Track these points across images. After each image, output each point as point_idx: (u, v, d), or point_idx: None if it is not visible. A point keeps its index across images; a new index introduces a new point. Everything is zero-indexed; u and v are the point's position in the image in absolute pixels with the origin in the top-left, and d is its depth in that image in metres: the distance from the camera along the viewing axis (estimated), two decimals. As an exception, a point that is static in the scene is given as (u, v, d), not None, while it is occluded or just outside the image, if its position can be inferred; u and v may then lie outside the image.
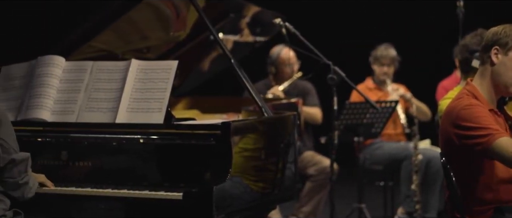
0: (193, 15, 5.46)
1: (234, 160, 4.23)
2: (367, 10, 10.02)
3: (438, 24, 9.12)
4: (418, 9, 9.91)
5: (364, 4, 9.97)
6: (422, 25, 9.94)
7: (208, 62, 6.41)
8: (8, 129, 3.99)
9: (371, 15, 10.02)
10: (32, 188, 4.09)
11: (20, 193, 4.06)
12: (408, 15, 9.95)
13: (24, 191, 4.05)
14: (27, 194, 4.08)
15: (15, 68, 4.87)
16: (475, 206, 3.95)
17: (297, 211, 6.97)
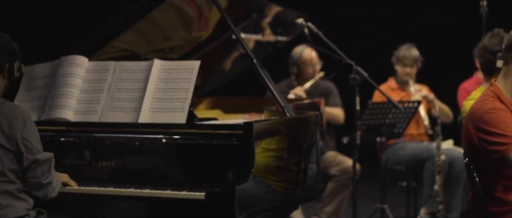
0: (215, 15, 5.46)
1: (256, 160, 4.23)
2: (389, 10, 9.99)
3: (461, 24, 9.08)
4: (440, 9, 9.86)
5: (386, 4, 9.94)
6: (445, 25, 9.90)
7: (230, 62, 6.41)
8: (32, 129, 4.00)
9: (393, 15, 9.98)
10: (55, 188, 4.11)
11: (44, 193, 4.07)
12: (431, 15, 9.91)
13: (47, 191, 4.07)
14: (51, 194, 4.09)
15: (38, 68, 4.89)
16: (497, 207, 3.93)
17: (319, 211, 6.96)
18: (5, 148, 3.91)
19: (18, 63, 4.07)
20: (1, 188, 3.90)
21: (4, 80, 4.06)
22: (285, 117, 4.72)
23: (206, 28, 5.69)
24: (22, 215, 3.96)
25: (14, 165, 3.95)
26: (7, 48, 4.03)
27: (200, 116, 4.71)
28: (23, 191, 4.02)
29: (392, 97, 6.43)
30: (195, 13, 5.47)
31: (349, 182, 6.68)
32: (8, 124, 3.93)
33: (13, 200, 3.94)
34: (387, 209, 6.78)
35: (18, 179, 3.98)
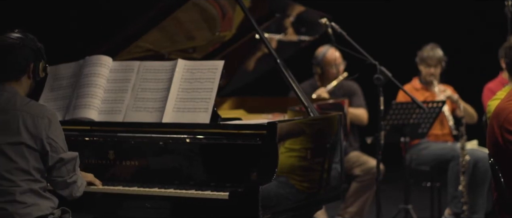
0: (239, 15, 5.47)
1: (280, 159, 4.23)
2: (414, 10, 9.95)
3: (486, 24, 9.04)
4: (465, 9, 9.82)
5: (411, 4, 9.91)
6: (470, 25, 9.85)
7: (254, 62, 6.41)
8: (57, 128, 4.02)
9: (418, 15, 9.95)
10: (80, 187, 4.13)
11: (68, 192, 4.09)
12: (455, 15, 9.87)
13: (72, 190, 4.09)
14: (75, 193, 4.11)
15: (63, 68, 4.91)
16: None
17: (343, 212, 6.95)
18: (31, 147, 3.93)
19: (43, 63, 4.10)
20: (26, 186, 3.93)
21: (29, 80, 4.09)
22: (309, 117, 4.71)
23: (230, 28, 5.69)
24: (46, 214, 3.98)
25: (39, 164, 3.97)
26: (32, 48, 4.06)
27: (224, 115, 4.72)
28: (48, 190, 4.04)
29: (416, 98, 6.40)
30: (219, 13, 5.47)
31: (373, 182, 6.66)
32: (33, 123, 3.95)
33: (38, 199, 3.96)
34: (411, 210, 6.75)
35: (43, 178, 4.00)
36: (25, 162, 3.93)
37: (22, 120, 3.94)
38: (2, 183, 3.90)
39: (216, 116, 4.54)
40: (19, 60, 4.03)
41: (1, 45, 4.02)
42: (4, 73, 4.04)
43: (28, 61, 4.05)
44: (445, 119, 7.28)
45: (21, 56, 4.04)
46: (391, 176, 7.22)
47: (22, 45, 4.04)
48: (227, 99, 6.36)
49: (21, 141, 3.92)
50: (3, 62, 4.02)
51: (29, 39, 4.07)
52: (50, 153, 3.97)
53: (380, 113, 5.94)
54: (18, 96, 4.01)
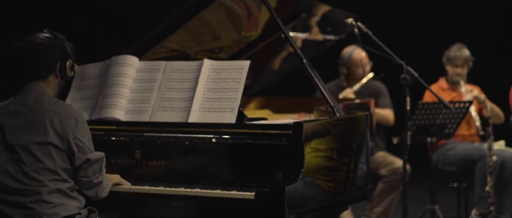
0: (264, 15, 5.47)
1: (306, 159, 4.22)
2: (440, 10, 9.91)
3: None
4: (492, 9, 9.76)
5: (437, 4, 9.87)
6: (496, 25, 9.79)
7: (279, 62, 6.41)
8: (84, 128, 4.04)
9: (444, 14, 9.90)
10: (105, 188, 4.14)
11: (94, 193, 4.11)
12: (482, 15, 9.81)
13: (98, 191, 4.10)
14: (101, 194, 4.13)
15: (90, 68, 4.93)
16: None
17: (369, 212, 6.93)
18: (58, 147, 3.95)
19: (70, 63, 4.11)
20: (53, 186, 3.94)
21: (57, 79, 4.10)
22: (335, 117, 4.70)
23: (256, 28, 5.70)
24: (73, 214, 3.99)
25: (66, 164, 3.99)
26: (59, 48, 4.08)
27: (250, 115, 4.72)
28: (75, 190, 4.06)
29: (443, 98, 6.37)
30: (245, 13, 5.48)
31: (399, 183, 6.64)
32: (60, 123, 3.97)
33: (65, 199, 3.98)
34: (438, 210, 6.73)
35: (70, 178, 4.02)
36: (52, 162, 3.95)
37: (49, 120, 3.96)
38: (30, 183, 3.92)
39: (242, 115, 4.54)
40: (46, 59, 4.05)
41: (28, 45, 4.05)
42: (31, 73, 4.06)
43: (55, 61, 4.07)
44: (472, 119, 7.25)
45: (48, 56, 4.06)
46: (418, 176, 7.19)
47: (49, 45, 4.06)
48: (253, 99, 6.36)
49: (48, 141, 3.94)
50: (30, 62, 4.05)
51: (56, 39, 4.09)
52: (76, 153, 3.98)
53: (406, 113, 5.92)
54: (46, 96, 4.03)
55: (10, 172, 3.94)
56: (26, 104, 4.01)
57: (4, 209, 3.94)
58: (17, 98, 4.05)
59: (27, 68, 4.05)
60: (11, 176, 3.94)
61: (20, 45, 4.06)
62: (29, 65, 4.05)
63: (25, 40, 4.06)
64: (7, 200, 3.94)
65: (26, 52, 4.04)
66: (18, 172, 3.93)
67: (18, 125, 3.98)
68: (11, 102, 4.06)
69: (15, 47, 4.07)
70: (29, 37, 4.08)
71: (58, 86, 4.14)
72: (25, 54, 4.05)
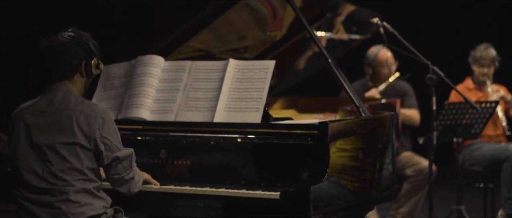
0: (290, 15, 5.47)
1: (331, 159, 4.22)
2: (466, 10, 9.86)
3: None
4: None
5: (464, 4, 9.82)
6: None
7: (304, 61, 6.41)
8: (111, 127, 4.05)
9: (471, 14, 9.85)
10: (137, 183, 4.15)
11: (127, 188, 4.12)
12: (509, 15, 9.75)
13: (130, 186, 4.11)
14: (133, 189, 4.13)
15: (116, 68, 4.95)
16: None
17: (394, 212, 6.91)
18: (84, 147, 3.97)
19: (95, 61, 4.12)
20: (80, 186, 3.96)
21: (83, 78, 4.11)
22: (360, 116, 4.69)
23: (281, 28, 5.70)
24: (99, 213, 4.01)
25: (93, 163, 4.00)
26: (84, 46, 4.08)
27: (275, 115, 4.72)
28: (102, 189, 4.08)
29: (469, 98, 6.34)
30: (270, 13, 5.48)
31: (425, 183, 6.62)
32: (87, 123, 3.98)
33: (92, 198, 3.99)
34: (464, 211, 6.69)
35: (96, 177, 4.03)
36: (79, 161, 3.96)
37: (76, 119, 3.98)
38: (57, 183, 3.94)
39: (267, 115, 4.54)
40: (71, 58, 4.07)
41: (53, 44, 4.06)
42: (57, 73, 4.07)
43: (80, 60, 4.08)
44: (498, 119, 7.20)
45: (72, 55, 4.07)
46: (444, 176, 7.16)
47: (73, 44, 4.07)
48: (278, 99, 6.36)
49: (75, 141, 3.96)
50: (55, 62, 4.06)
51: (81, 37, 4.10)
52: (104, 153, 4.00)
53: (432, 113, 5.89)
54: (72, 95, 4.05)
55: (37, 171, 3.96)
56: (52, 104, 4.03)
57: (31, 208, 3.97)
58: (43, 98, 4.07)
59: (52, 68, 4.07)
60: (38, 176, 3.96)
61: (45, 45, 4.08)
62: (55, 65, 4.06)
63: (50, 40, 4.08)
64: (34, 199, 3.97)
65: (51, 52, 4.06)
66: (45, 171, 3.96)
67: (45, 124, 4.00)
68: (37, 102, 4.08)
69: (41, 47, 4.09)
70: (54, 36, 4.09)
71: (85, 85, 4.15)
72: (50, 54, 4.06)
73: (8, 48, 9.16)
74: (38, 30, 5.20)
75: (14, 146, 4.04)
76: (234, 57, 4.86)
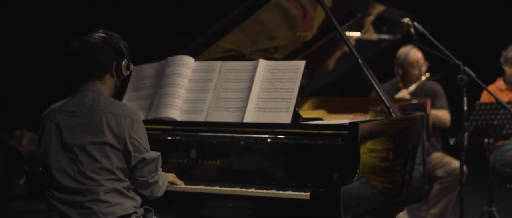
0: (320, 15, 5.46)
1: (361, 160, 4.20)
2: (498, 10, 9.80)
3: None
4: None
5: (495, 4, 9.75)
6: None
7: (334, 62, 6.39)
8: (140, 128, 4.06)
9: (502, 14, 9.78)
10: (161, 187, 4.17)
11: (150, 192, 4.13)
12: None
13: (153, 190, 4.13)
14: (156, 193, 4.15)
15: (146, 68, 4.97)
16: None
17: (425, 213, 6.88)
18: (114, 147, 3.99)
19: (125, 62, 4.14)
20: (110, 186, 3.98)
21: (113, 79, 4.14)
22: (391, 117, 4.67)
23: (311, 28, 5.69)
24: (130, 213, 4.02)
25: (123, 163, 4.02)
26: (115, 47, 4.11)
27: (305, 115, 4.71)
28: (131, 189, 4.09)
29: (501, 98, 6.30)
30: (300, 13, 5.47)
31: (456, 184, 6.58)
32: (116, 123, 4.00)
33: (122, 198, 4.01)
34: (495, 212, 6.64)
35: (126, 177, 4.05)
36: (109, 161, 3.98)
37: (105, 120, 4.00)
38: (87, 182, 3.96)
39: (297, 116, 4.53)
40: (102, 59, 4.09)
41: (84, 45, 4.09)
42: (87, 73, 4.10)
43: (111, 60, 4.11)
44: (530, 120, 7.15)
45: (103, 56, 4.09)
46: (475, 177, 7.11)
47: (104, 45, 4.09)
48: (308, 99, 6.35)
49: (105, 141, 3.98)
50: (86, 62, 4.08)
51: (111, 38, 4.12)
52: (132, 153, 4.01)
53: (463, 114, 5.86)
54: (102, 96, 4.07)
55: (68, 171, 3.99)
56: (82, 104, 4.05)
57: (61, 207, 3.99)
58: (73, 98, 4.10)
59: (83, 69, 4.09)
60: (69, 176, 3.98)
61: (76, 46, 4.10)
62: (85, 65, 4.09)
63: (81, 41, 4.11)
64: (64, 199, 3.99)
65: (82, 53, 4.09)
66: (76, 171, 3.98)
67: (75, 125, 4.02)
68: (68, 102, 4.10)
69: (72, 48, 4.11)
70: (85, 37, 4.12)
71: (115, 85, 4.17)
72: (81, 54, 4.09)
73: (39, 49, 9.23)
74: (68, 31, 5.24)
75: (45, 146, 4.06)
76: (264, 57, 4.86)
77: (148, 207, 4.15)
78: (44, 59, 9.18)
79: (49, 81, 8.82)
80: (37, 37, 9.29)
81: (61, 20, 9.10)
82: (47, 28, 9.24)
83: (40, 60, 9.30)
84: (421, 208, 6.92)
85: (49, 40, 8.92)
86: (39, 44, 9.28)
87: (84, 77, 4.10)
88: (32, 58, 9.40)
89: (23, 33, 9.38)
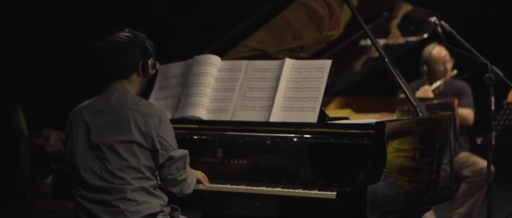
0: (346, 14, 5.45)
1: (388, 159, 4.19)
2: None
3: None
4: None
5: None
6: None
7: (361, 61, 6.38)
8: (167, 127, 4.07)
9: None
10: (190, 184, 4.17)
11: (179, 190, 4.14)
12: None
13: (182, 188, 4.14)
14: (185, 191, 4.16)
15: (172, 67, 4.98)
16: None
17: (452, 213, 6.85)
18: (141, 146, 4.00)
19: (152, 61, 4.16)
20: (137, 184, 3.99)
21: (139, 78, 4.15)
22: (418, 116, 4.66)
23: (337, 27, 5.68)
24: (156, 211, 4.03)
25: (150, 162, 4.03)
26: (141, 47, 4.12)
27: (331, 115, 4.70)
28: (158, 187, 4.10)
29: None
30: (326, 12, 5.47)
31: (483, 184, 6.54)
32: (144, 121, 4.01)
33: (149, 197, 4.02)
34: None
35: (153, 176, 4.06)
36: (136, 160, 3.99)
37: (133, 118, 4.01)
38: (114, 181, 3.98)
39: (324, 115, 4.53)
40: (128, 58, 4.10)
41: (111, 45, 4.10)
42: (114, 72, 4.11)
43: (137, 60, 4.12)
44: (558, 119, 7.09)
45: (129, 55, 4.10)
46: (502, 177, 7.07)
47: (131, 44, 4.10)
48: (334, 98, 6.34)
49: (132, 139, 3.99)
50: (113, 62, 4.10)
51: (137, 38, 4.13)
52: (160, 151, 4.02)
53: (491, 113, 5.83)
54: (129, 95, 4.08)
55: (95, 170, 4.00)
56: (109, 103, 4.07)
57: (89, 206, 4.01)
58: (100, 97, 4.11)
59: (110, 68, 4.11)
60: (96, 174, 4.00)
61: (102, 46, 4.12)
62: (112, 65, 4.10)
63: (107, 41, 4.12)
64: (92, 198, 4.01)
65: (108, 52, 4.10)
66: (103, 170, 3.99)
67: (102, 123, 4.04)
68: (95, 101, 4.12)
69: (98, 47, 4.13)
70: (111, 37, 4.13)
71: (141, 84, 4.18)
72: (107, 54, 4.10)
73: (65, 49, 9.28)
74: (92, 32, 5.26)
75: (72, 145, 4.08)
76: (290, 56, 4.86)
77: (175, 206, 4.15)
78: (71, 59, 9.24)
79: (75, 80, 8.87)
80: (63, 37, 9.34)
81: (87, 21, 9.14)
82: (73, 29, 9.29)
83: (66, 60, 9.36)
84: (448, 208, 6.89)
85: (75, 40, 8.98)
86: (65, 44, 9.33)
87: (110, 77, 4.12)
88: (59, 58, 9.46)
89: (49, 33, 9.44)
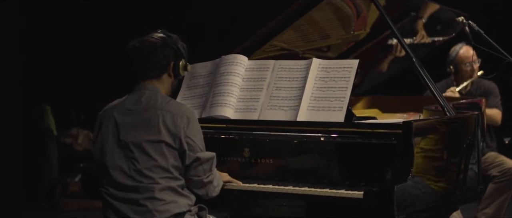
0: (373, 14, 5.44)
1: (415, 159, 4.18)
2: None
3: None
4: None
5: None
6: None
7: (388, 61, 6.37)
8: (195, 127, 4.09)
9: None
10: (216, 187, 4.19)
11: (204, 191, 4.16)
12: None
13: (208, 190, 4.16)
14: (211, 193, 4.18)
15: (200, 67, 5.00)
16: None
17: (479, 213, 6.82)
18: (170, 146, 4.02)
19: (183, 62, 4.19)
20: (165, 184, 4.01)
21: (170, 79, 4.18)
22: (445, 116, 4.64)
23: (364, 26, 5.67)
24: (184, 211, 4.05)
25: (178, 162, 4.05)
26: (173, 48, 4.15)
27: (358, 114, 4.70)
28: (186, 187, 4.12)
29: (557, 97, 6.22)
30: (353, 11, 5.46)
31: (511, 184, 6.51)
32: (173, 121, 4.03)
33: (176, 196, 4.04)
34: (551, 212, 6.58)
35: (181, 176, 4.08)
36: (165, 160, 4.02)
37: (162, 118, 4.03)
38: (142, 180, 4.00)
39: (351, 114, 4.53)
40: (160, 59, 4.13)
41: (143, 45, 4.14)
42: (146, 72, 4.14)
43: (169, 60, 4.15)
44: None
45: (161, 55, 4.14)
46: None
47: (163, 45, 4.14)
48: (361, 98, 6.33)
49: (161, 139, 4.01)
50: (145, 62, 4.13)
51: (170, 39, 4.16)
52: (187, 152, 4.04)
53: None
54: (159, 94, 4.11)
55: (124, 169, 4.03)
56: (140, 102, 4.09)
57: (117, 205, 4.04)
58: (131, 97, 4.14)
59: (141, 68, 4.14)
60: (125, 173, 4.03)
61: (135, 46, 4.15)
62: (144, 65, 4.13)
63: (139, 41, 4.15)
64: (120, 197, 4.04)
65: (140, 52, 4.13)
66: (132, 169, 4.02)
67: (132, 122, 4.07)
68: (125, 100, 4.15)
69: (131, 46, 4.16)
70: (144, 37, 4.17)
71: (171, 85, 4.21)
72: (140, 54, 4.13)
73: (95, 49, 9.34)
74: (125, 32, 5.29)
75: (101, 144, 4.11)
76: (317, 56, 4.86)
77: (202, 205, 4.17)
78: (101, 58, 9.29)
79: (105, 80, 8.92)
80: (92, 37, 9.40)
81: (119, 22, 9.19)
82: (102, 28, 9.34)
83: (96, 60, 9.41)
84: (475, 208, 6.86)
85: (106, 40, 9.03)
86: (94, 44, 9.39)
87: (141, 77, 4.15)
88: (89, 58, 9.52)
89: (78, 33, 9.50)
